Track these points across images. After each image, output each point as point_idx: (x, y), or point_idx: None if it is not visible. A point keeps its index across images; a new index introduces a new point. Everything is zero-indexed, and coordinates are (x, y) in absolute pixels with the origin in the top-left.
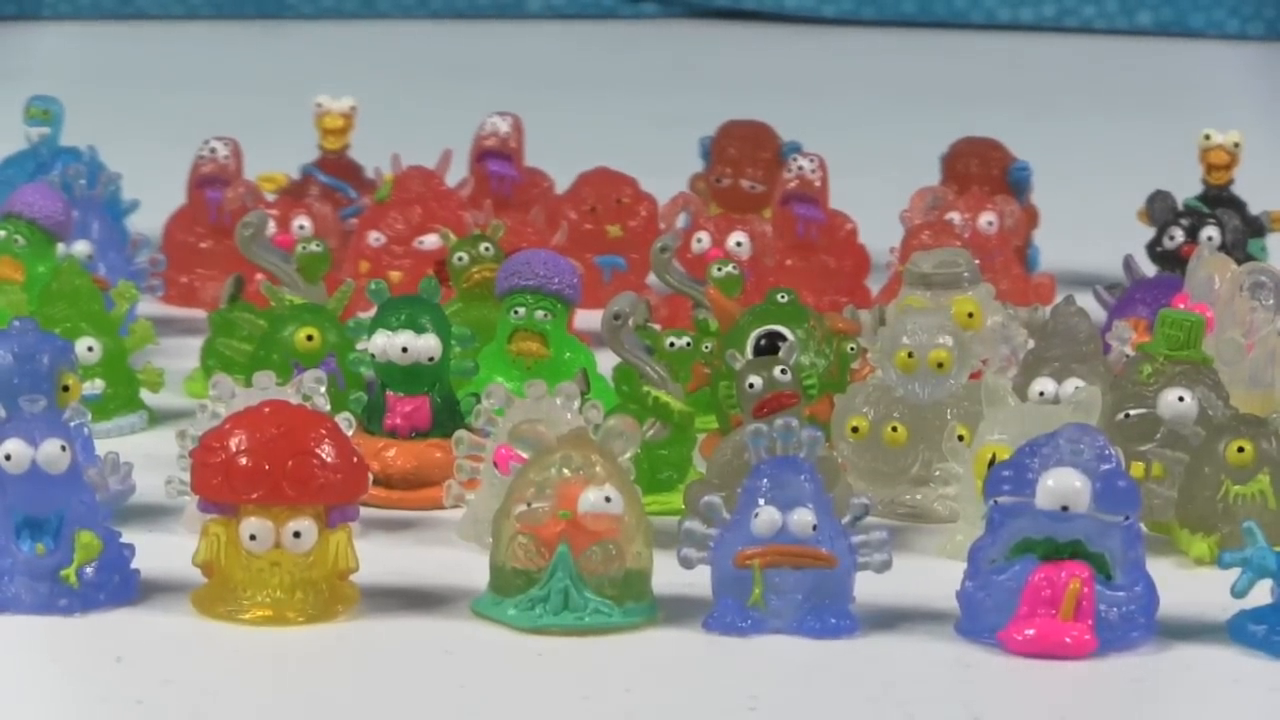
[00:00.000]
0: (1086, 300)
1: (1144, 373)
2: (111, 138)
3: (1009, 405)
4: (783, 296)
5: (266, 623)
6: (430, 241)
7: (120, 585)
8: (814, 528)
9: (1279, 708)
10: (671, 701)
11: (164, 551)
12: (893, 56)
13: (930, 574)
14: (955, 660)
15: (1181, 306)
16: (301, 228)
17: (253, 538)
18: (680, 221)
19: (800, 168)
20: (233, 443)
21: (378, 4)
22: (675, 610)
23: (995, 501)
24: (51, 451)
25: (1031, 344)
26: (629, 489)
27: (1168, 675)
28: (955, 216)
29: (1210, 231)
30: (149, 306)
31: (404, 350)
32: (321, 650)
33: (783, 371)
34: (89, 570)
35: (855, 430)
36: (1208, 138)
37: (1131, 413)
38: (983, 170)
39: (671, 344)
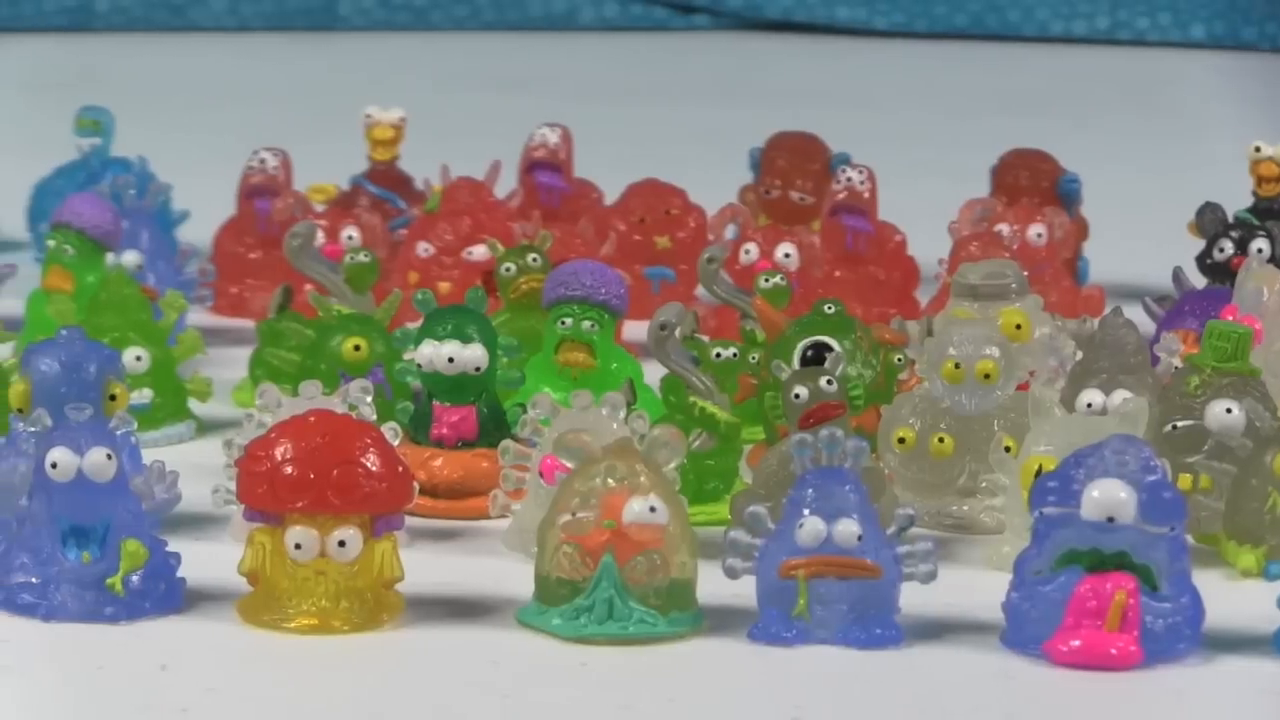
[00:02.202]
0: (1135, 312)
1: (1191, 384)
2: (161, 148)
3: (1055, 417)
4: (830, 307)
5: (311, 631)
6: (478, 252)
7: (166, 593)
8: (859, 538)
9: None
10: (715, 712)
11: (210, 560)
12: (944, 69)
13: (976, 585)
14: (1000, 671)
15: (1230, 318)
16: (350, 238)
17: (298, 546)
18: (729, 233)
19: (849, 179)
20: (278, 451)
21: (429, 16)
22: (720, 620)
23: (1041, 512)
24: (97, 460)
25: (1079, 356)
26: (674, 499)
27: (1213, 687)
28: (1004, 228)
29: (1260, 244)
30: (198, 316)
31: (450, 360)
32: (366, 659)
33: (829, 382)
34: (135, 578)
35: (902, 441)
36: (1258, 150)
37: (1179, 424)
38: (1032, 182)
39: (718, 354)
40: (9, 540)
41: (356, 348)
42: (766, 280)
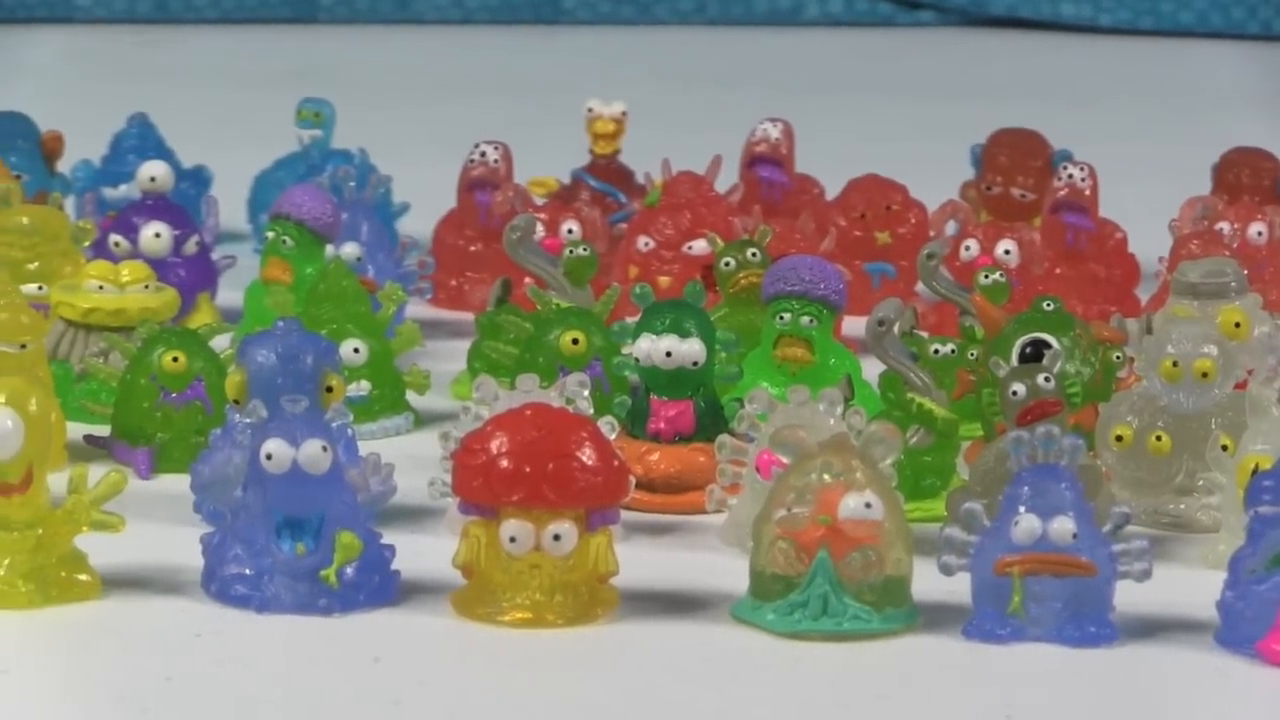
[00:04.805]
0: None
1: None
2: (382, 140)
3: (1273, 415)
4: (1049, 304)
5: (525, 625)
6: (698, 247)
7: (380, 586)
8: (1074, 535)
9: None
10: (928, 709)
11: (424, 553)
12: (1167, 66)
13: (1191, 583)
14: (1214, 671)
15: None
16: (570, 232)
17: (513, 540)
18: (949, 229)
19: (1071, 176)
20: (494, 445)
21: (653, 9)
22: (934, 617)
23: (1256, 511)
24: (313, 452)
25: None
26: (889, 495)
27: None
28: (1224, 226)
29: None
30: (417, 309)
31: (668, 355)
32: (579, 653)
33: (1046, 379)
34: (349, 571)
35: (1119, 439)
36: None
37: None
38: (1254, 180)
39: (936, 351)
40: (224, 532)
41: (575, 341)
42: (986, 277)
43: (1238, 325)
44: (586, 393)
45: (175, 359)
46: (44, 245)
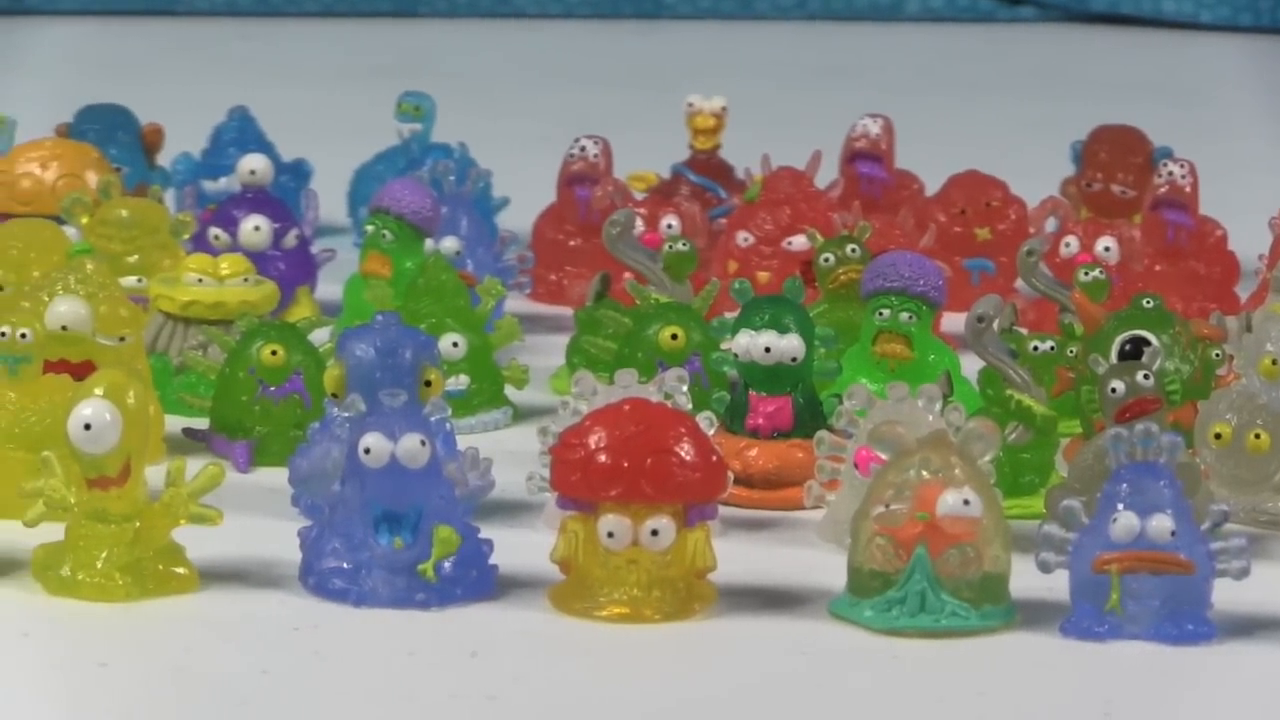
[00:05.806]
0: None
1: None
2: (482, 134)
3: None
4: (1148, 302)
5: (623, 620)
6: (798, 242)
7: (478, 580)
8: (1172, 533)
9: None
10: (1026, 706)
11: (522, 547)
12: (1268, 63)
13: None
14: None
15: None
16: (669, 227)
17: (610, 535)
18: (1049, 226)
19: (1171, 173)
20: (592, 440)
21: (754, 4)
22: (1032, 614)
23: None
24: (411, 446)
25: None
26: (988, 492)
27: None
28: None
29: None
30: (516, 303)
31: (767, 350)
32: (677, 648)
33: (1145, 377)
34: (447, 565)
35: (1218, 437)
36: None
37: None
38: None
39: (1035, 348)
40: (321, 526)
41: (674, 336)
42: (1086, 274)
43: None
44: (685, 388)
45: (274, 352)
46: (143, 238)
